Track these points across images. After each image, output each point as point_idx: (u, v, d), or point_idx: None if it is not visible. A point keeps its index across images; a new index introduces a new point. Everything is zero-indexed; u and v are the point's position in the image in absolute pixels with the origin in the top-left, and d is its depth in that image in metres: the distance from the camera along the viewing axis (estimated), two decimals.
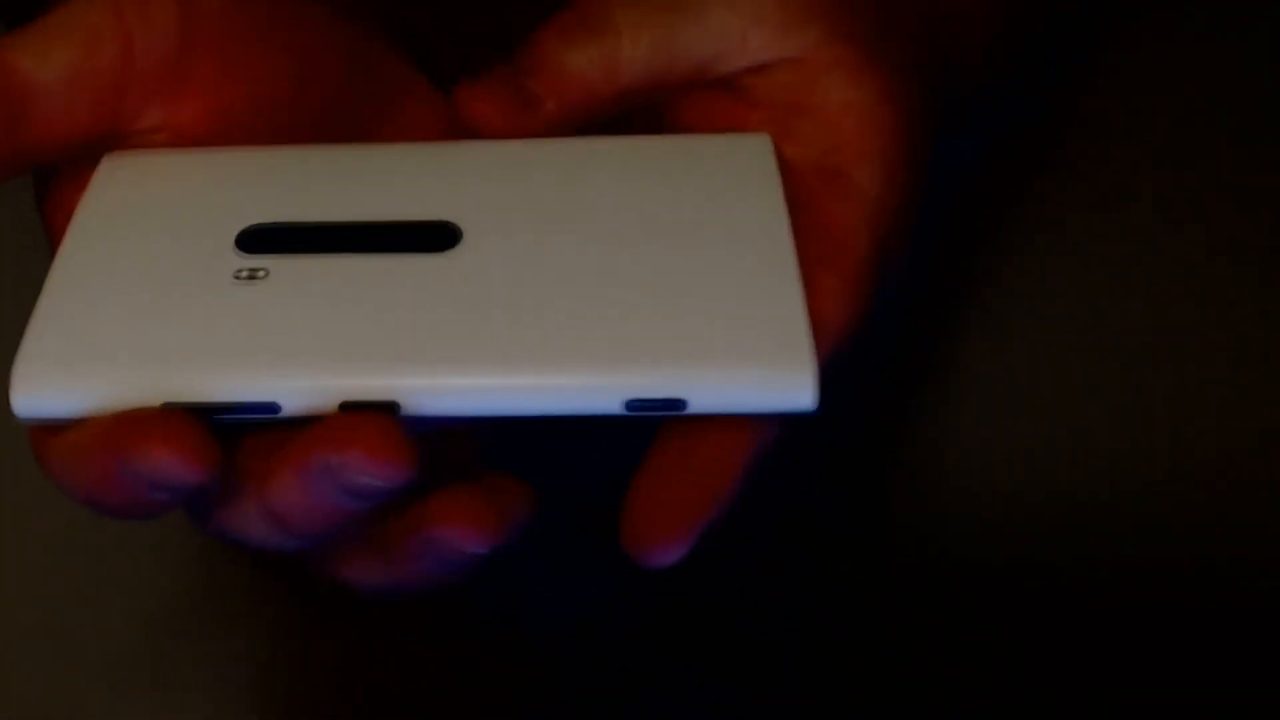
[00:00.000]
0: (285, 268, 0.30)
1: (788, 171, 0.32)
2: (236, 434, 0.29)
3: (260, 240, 0.30)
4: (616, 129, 0.33)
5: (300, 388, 0.28)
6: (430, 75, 0.35)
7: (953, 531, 0.48)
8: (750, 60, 0.32)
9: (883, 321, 0.33)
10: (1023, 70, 0.42)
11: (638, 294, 0.29)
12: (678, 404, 0.28)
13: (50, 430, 0.29)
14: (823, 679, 0.48)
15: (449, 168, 0.32)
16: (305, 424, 0.28)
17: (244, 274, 0.29)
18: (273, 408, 0.28)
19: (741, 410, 0.28)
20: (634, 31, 0.31)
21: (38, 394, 0.28)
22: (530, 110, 0.32)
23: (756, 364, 0.28)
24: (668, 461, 0.30)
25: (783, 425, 0.31)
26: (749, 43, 0.32)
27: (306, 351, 0.28)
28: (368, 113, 0.33)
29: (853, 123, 0.32)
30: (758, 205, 0.31)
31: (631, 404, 0.28)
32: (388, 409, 0.27)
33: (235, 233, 0.30)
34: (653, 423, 0.31)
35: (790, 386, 0.28)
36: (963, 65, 0.36)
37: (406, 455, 0.27)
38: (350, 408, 0.27)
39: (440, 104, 0.34)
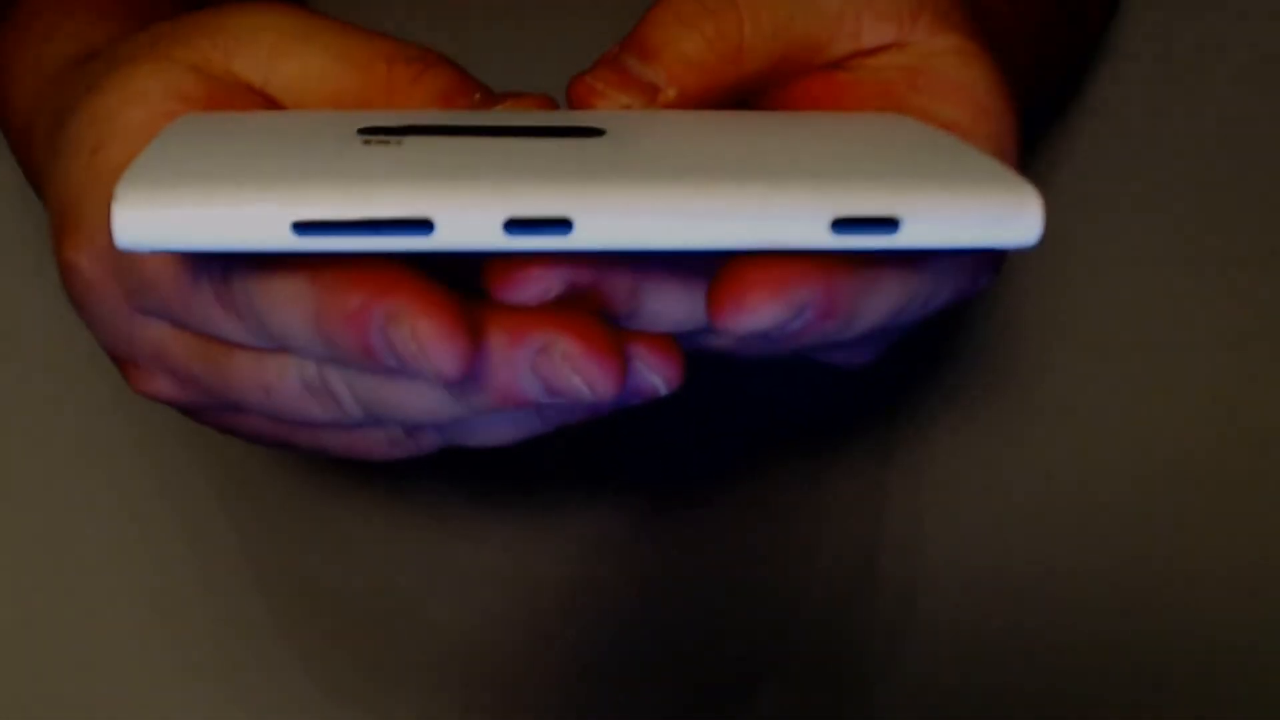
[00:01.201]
0: (421, 142, 0.27)
1: None
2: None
3: (388, 131, 0.28)
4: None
5: (459, 199, 0.24)
6: None
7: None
8: (862, 44, 0.31)
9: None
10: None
11: (830, 141, 0.27)
12: (890, 225, 0.25)
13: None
14: None
15: (575, 114, 0.30)
16: (463, 266, 0.26)
17: (375, 141, 0.27)
18: (425, 226, 0.24)
19: (957, 242, 0.25)
20: (754, 14, 0.30)
21: (143, 218, 0.24)
22: (651, 101, 0.31)
23: (977, 188, 0.25)
24: None
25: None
26: (862, 26, 0.31)
27: (465, 167, 0.25)
28: None
29: (966, 102, 0.31)
30: (919, 130, 0.29)
31: (838, 225, 0.25)
32: (560, 227, 0.24)
33: (357, 128, 0.28)
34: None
35: (1016, 214, 0.25)
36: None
37: (619, 366, 0.26)
38: (518, 227, 0.24)
39: None
